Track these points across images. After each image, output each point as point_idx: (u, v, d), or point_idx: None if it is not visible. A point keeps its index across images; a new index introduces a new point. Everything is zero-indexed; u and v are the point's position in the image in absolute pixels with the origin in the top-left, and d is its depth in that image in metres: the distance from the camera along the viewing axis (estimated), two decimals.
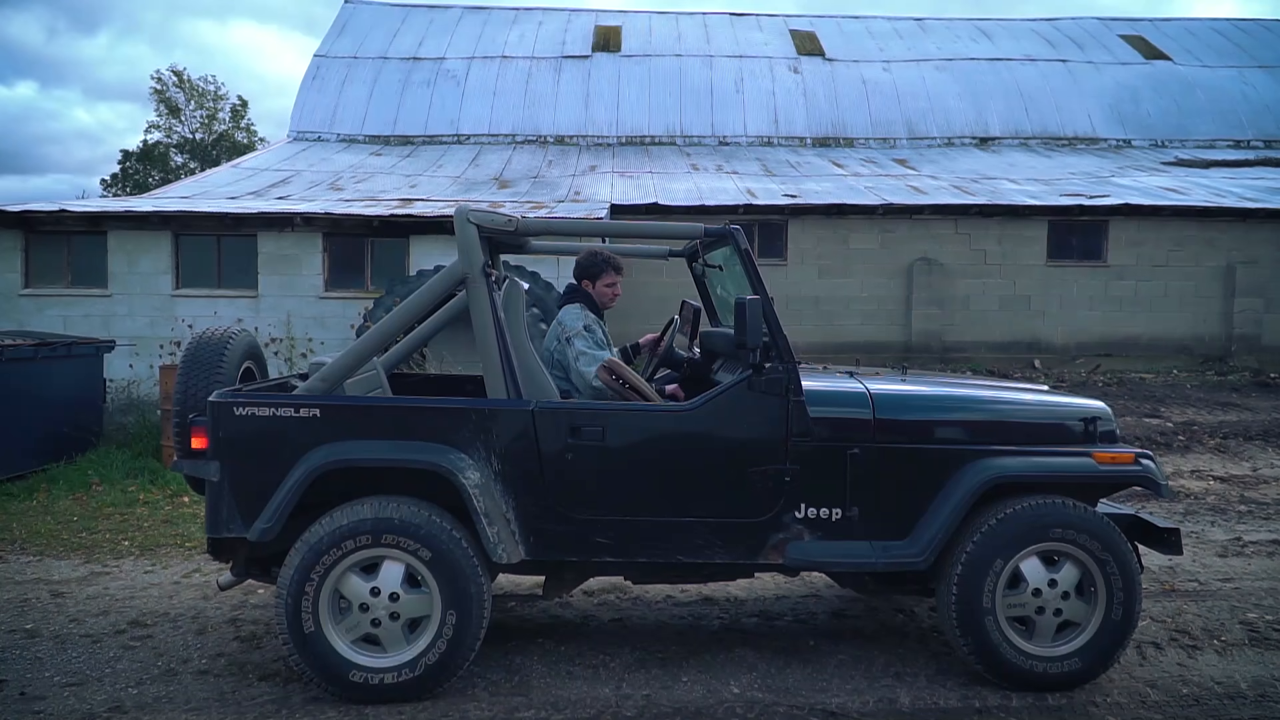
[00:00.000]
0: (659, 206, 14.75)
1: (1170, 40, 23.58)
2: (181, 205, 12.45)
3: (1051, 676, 3.53)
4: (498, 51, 22.26)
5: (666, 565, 3.62)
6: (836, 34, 23.81)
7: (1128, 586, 3.51)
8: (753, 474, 3.52)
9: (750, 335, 3.43)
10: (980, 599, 3.48)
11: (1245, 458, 8.36)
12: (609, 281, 4.31)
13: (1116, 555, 3.51)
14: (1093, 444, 3.67)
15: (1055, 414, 3.78)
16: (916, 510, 3.57)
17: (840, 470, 3.55)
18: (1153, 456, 3.70)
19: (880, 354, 14.93)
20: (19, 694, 3.53)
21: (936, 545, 3.49)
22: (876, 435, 3.57)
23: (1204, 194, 15.88)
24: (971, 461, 3.56)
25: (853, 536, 3.56)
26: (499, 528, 3.39)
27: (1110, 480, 3.67)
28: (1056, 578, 3.53)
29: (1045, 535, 3.49)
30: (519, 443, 3.48)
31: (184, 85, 40.67)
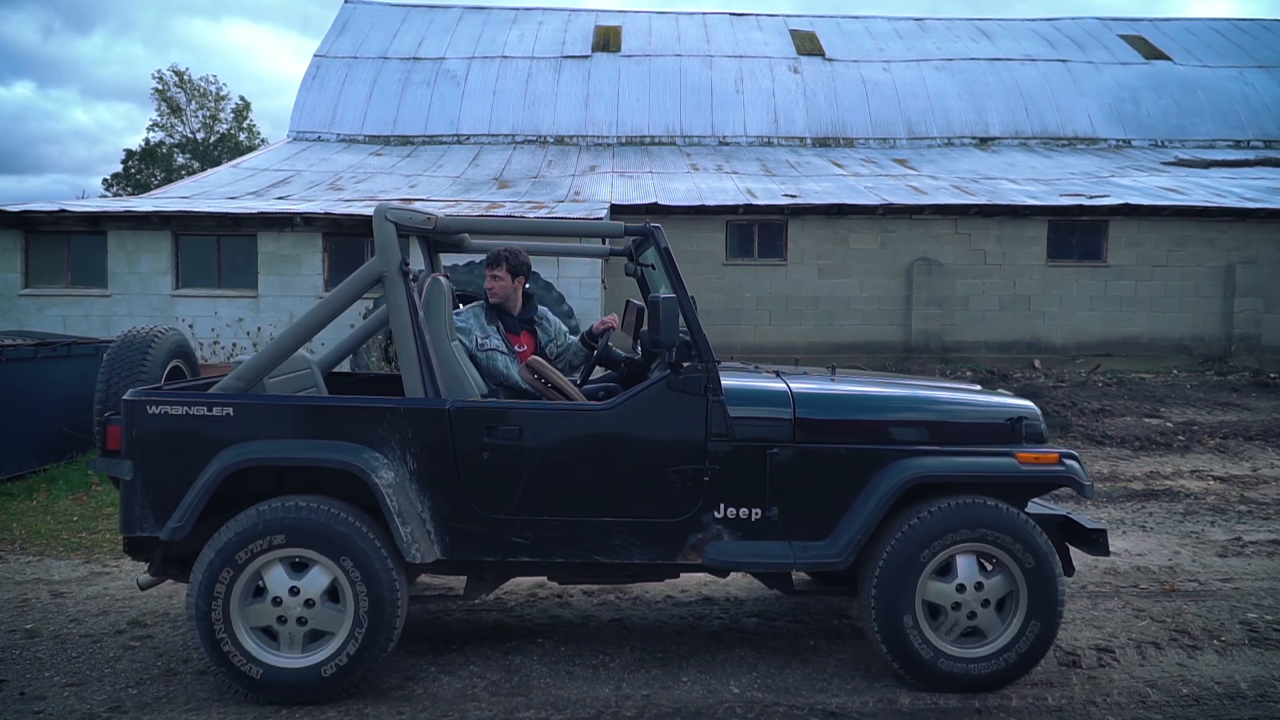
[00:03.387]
0: (659, 206, 14.75)
1: (1170, 40, 23.59)
2: (181, 205, 12.45)
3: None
4: (498, 51, 22.27)
5: (585, 565, 3.59)
6: (836, 34, 23.82)
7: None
8: (671, 474, 3.50)
9: (665, 334, 3.39)
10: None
11: (1245, 458, 8.36)
12: (489, 276, 4.37)
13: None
14: (1018, 444, 3.64)
15: (980, 414, 3.73)
16: (837, 510, 3.54)
17: (760, 470, 3.52)
18: (1077, 457, 3.67)
19: (880, 354, 14.94)
20: (19, 694, 3.53)
21: (856, 545, 3.46)
22: (797, 435, 3.55)
23: (1204, 194, 15.89)
24: (893, 462, 3.53)
25: (773, 537, 3.54)
26: (413, 527, 3.36)
27: (1032, 480, 3.62)
28: (981, 580, 3.49)
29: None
30: (435, 442, 3.46)
31: (185, 85, 40.69)
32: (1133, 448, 8.68)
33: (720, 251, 15.02)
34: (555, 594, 4.71)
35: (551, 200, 14.45)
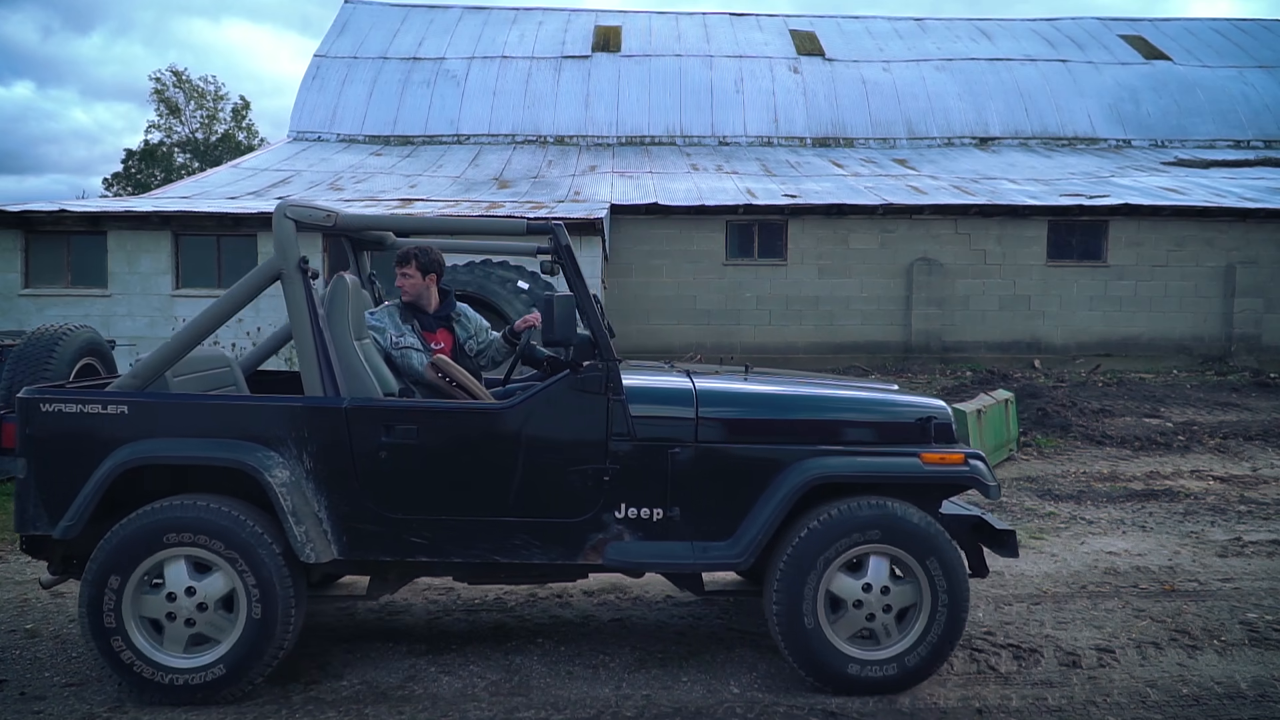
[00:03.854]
0: (659, 206, 14.76)
1: (1170, 40, 23.59)
2: (181, 205, 12.45)
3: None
4: (498, 51, 22.27)
5: (484, 565, 3.56)
6: (836, 34, 23.82)
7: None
8: (571, 474, 3.46)
9: (559, 331, 3.36)
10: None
11: (1245, 458, 8.36)
12: (399, 274, 4.35)
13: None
14: (926, 444, 3.59)
15: (888, 414, 3.70)
16: (741, 510, 3.50)
17: (661, 470, 3.48)
18: (983, 457, 3.63)
19: (880, 354, 14.95)
20: (19, 694, 3.53)
21: (756, 546, 3.43)
22: (699, 434, 3.51)
23: (1204, 194, 15.89)
24: (796, 462, 3.49)
25: (674, 537, 3.51)
26: (308, 526, 3.34)
27: (936, 480, 3.56)
28: (888, 584, 3.46)
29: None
30: (331, 441, 3.43)
31: (183, 85, 40.69)
32: (1133, 448, 8.67)
33: (720, 251, 15.02)
34: (555, 594, 4.71)
35: (551, 200, 14.44)
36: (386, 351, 4.14)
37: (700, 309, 14.94)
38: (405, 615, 4.41)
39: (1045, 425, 9.43)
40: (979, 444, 7.59)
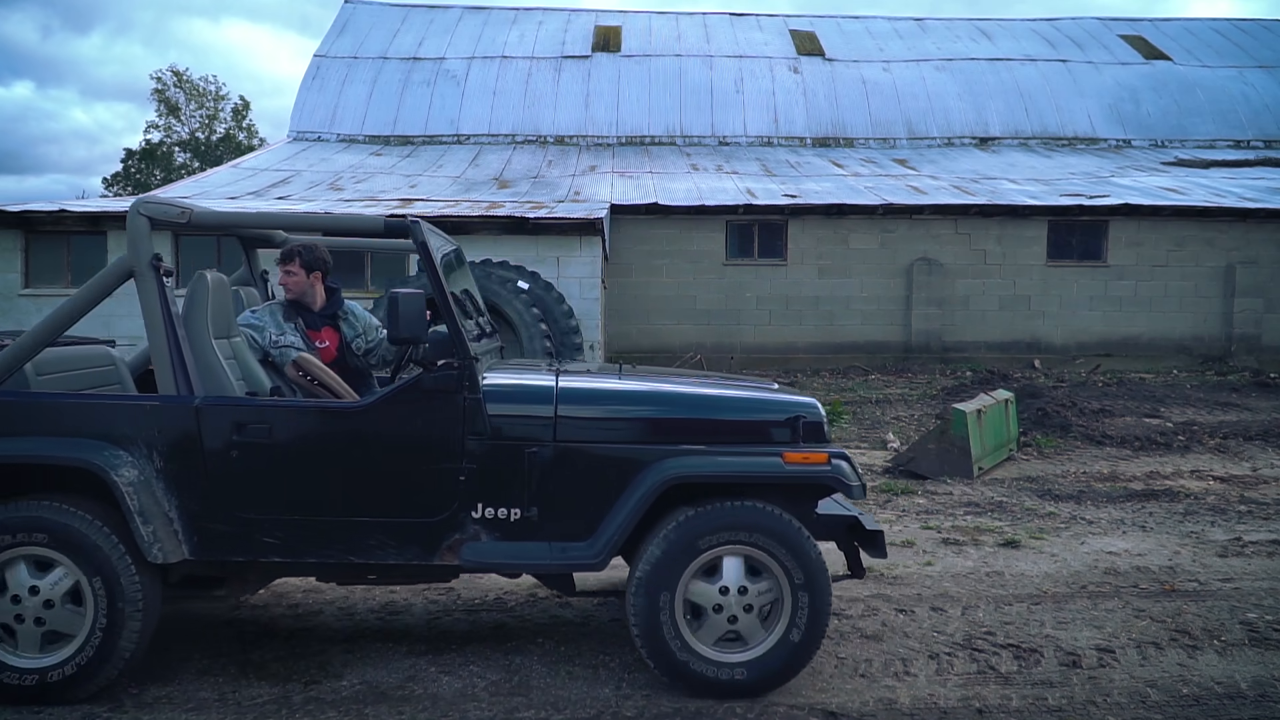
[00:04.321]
0: (659, 206, 14.76)
1: (1170, 40, 23.59)
2: None
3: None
4: (498, 51, 22.27)
5: (341, 566, 3.52)
6: (836, 34, 23.82)
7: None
8: (426, 473, 3.41)
9: (404, 329, 3.31)
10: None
11: (1245, 458, 8.35)
12: (282, 271, 4.33)
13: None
14: (794, 443, 3.52)
15: (753, 412, 3.63)
16: (601, 511, 3.44)
17: (519, 469, 3.43)
18: (848, 457, 3.56)
19: (880, 354, 14.95)
20: None
21: (613, 547, 3.38)
22: (558, 433, 3.46)
23: (1204, 194, 15.89)
24: (657, 461, 3.43)
25: (532, 537, 3.46)
26: (156, 527, 3.29)
27: (796, 480, 3.49)
28: (746, 584, 3.40)
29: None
30: (182, 439, 3.38)
31: (183, 85, 40.70)
32: (1133, 448, 8.67)
33: (720, 251, 15.01)
34: (555, 594, 4.70)
35: (551, 200, 14.45)
36: (265, 350, 4.08)
37: (700, 309, 14.94)
38: (405, 615, 4.41)
39: (1045, 425, 9.43)
40: (979, 444, 7.60)
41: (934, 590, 4.78)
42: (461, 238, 10.95)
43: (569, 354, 9.69)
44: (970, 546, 5.60)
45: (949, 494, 7.01)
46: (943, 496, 6.95)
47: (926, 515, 6.38)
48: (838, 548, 3.89)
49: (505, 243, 10.83)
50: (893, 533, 5.94)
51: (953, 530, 5.96)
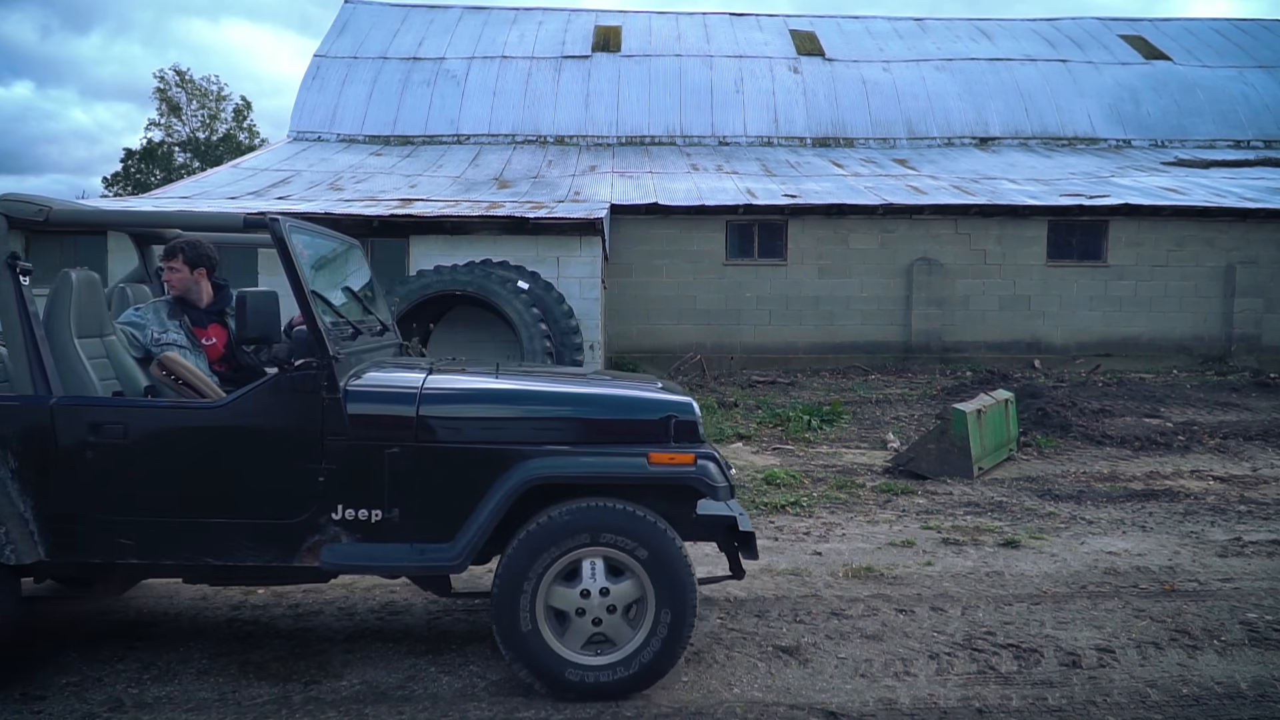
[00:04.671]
0: (659, 206, 14.76)
1: (1170, 40, 23.59)
2: (181, 205, 12.45)
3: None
4: (498, 51, 22.27)
5: (201, 568, 3.49)
6: (836, 34, 23.82)
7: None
8: (285, 474, 3.38)
9: (252, 328, 3.29)
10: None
11: (1245, 458, 8.35)
12: (166, 268, 4.29)
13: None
14: (664, 443, 3.48)
15: (622, 412, 3.58)
16: (463, 512, 3.40)
17: (379, 470, 3.38)
18: (717, 458, 3.52)
19: (880, 354, 14.95)
20: (19, 694, 3.53)
21: (472, 549, 3.35)
22: (419, 434, 3.41)
23: (1204, 194, 15.89)
24: (519, 462, 3.40)
25: (394, 539, 3.41)
26: (10, 527, 3.27)
27: (659, 481, 3.46)
28: (608, 585, 3.38)
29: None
30: (38, 440, 3.35)
31: (185, 85, 40.73)
32: (1133, 448, 8.67)
33: (720, 251, 15.01)
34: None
35: (552, 200, 14.45)
36: (147, 348, 4.05)
37: (700, 309, 14.94)
38: (405, 615, 4.41)
39: (1045, 425, 9.43)
40: (979, 444, 7.60)
41: (934, 590, 4.78)
42: (461, 238, 10.94)
43: (569, 354, 9.68)
44: (970, 546, 5.60)
45: (949, 494, 7.01)
46: (943, 496, 6.95)
47: (926, 515, 6.38)
48: (719, 549, 3.87)
49: (505, 243, 10.83)
50: (893, 533, 5.94)
51: (953, 530, 5.96)
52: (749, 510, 6.51)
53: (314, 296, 3.48)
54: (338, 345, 3.50)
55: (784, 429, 9.83)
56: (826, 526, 6.11)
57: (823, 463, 8.25)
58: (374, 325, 4.25)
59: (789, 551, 5.52)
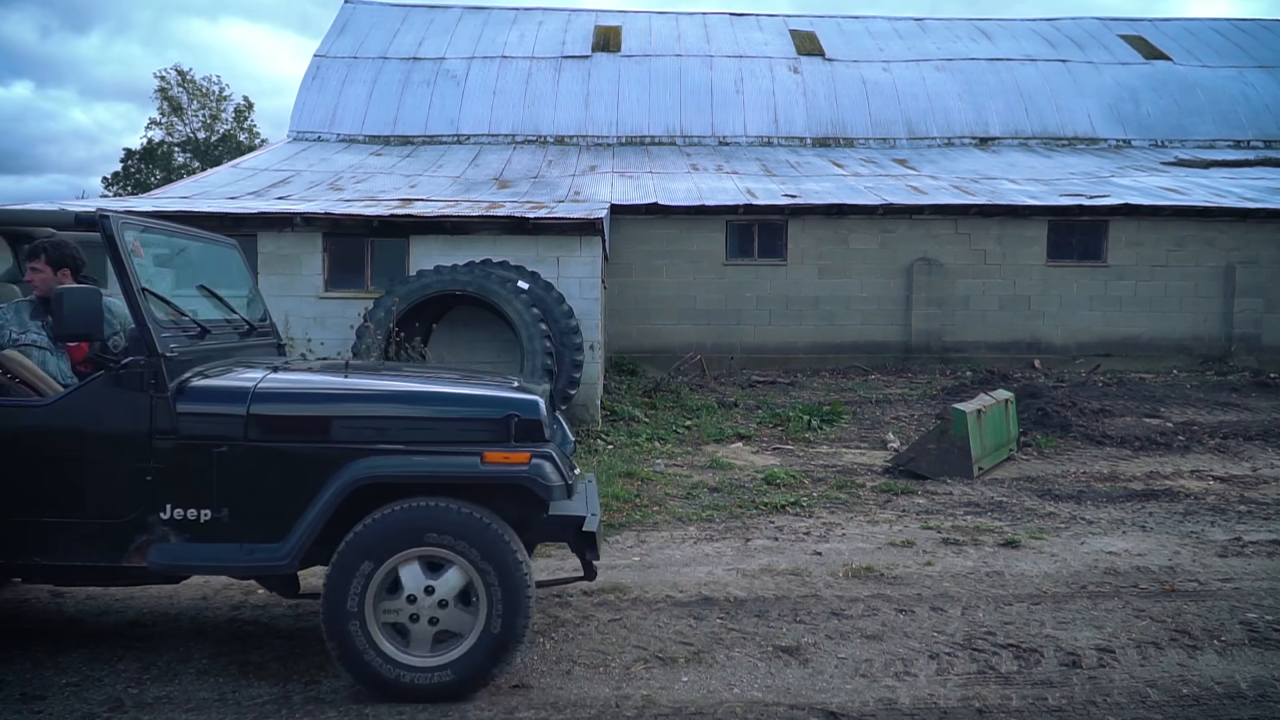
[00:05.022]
0: (659, 206, 14.76)
1: (1170, 40, 23.59)
2: (181, 205, 12.45)
3: (421, 688, 3.35)
4: (498, 51, 22.27)
5: (30, 567, 3.48)
6: (836, 34, 23.82)
7: (509, 596, 3.33)
8: (113, 473, 3.36)
9: (70, 326, 3.26)
10: (345, 604, 3.30)
11: (1245, 458, 8.35)
12: (29, 268, 4.26)
13: (497, 563, 3.32)
14: (504, 442, 3.45)
15: (461, 410, 3.54)
16: (294, 512, 3.38)
17: (209, 469, 3.37)
18: (553, 457, 3.47)
19: (880, 354, 14.95)
20: (19, 695, 3.53)
21: (299, 550, 3.33)
22: (249, 433, 3.39)
23: (1204, 194, 15.89)
24: (352, 461, 3.38)
25: (224, 539, 3.39)
26: None
27: (489, 480, 3.42)
28: (434, 585, 3.34)
29: (416, 540, 3.31)
30: None
31: (187, 85, 40.74)
32: (1133, 448, 8.67)
33: (720, 251, 15.01)
34: (555, 594, 4.71)
35: (552, 200, 14.44)
36: (3, 348, 4.02)
37: (700, 309, 14.94)
38: None
39: (1045, 425, 9.43)
40: (979, 444, 7.60)
41: (934, 590, 4.78)
42: (461, 238, 10.92)
43: (569, 354, 9.68)
44: (970, 546, 5.60)
45: (949, 494, 7.01)
46: (943, 496, 6.95)
47: (926, 515, 6.38)
48: (570, 549, 3.85)
49: (505, 243, 10.81)
50: (893, 533, 5.94)
51: (953, 530, 5.96)
52: (749, 510, 6.51)
53: (144, 294, 3.46)
54: (172, 344, 3.47)
55: (784, 429, 9.83)
56: (826, 526, 6.11)
57: (823, 463, 8.25)
58: (239, 325, 4.23)
59: (789, 551, 5.52)
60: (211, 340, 3.84)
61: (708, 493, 7.06)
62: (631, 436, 9.36)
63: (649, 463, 8.12)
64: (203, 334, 3.78)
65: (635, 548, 5.61)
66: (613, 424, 10.13)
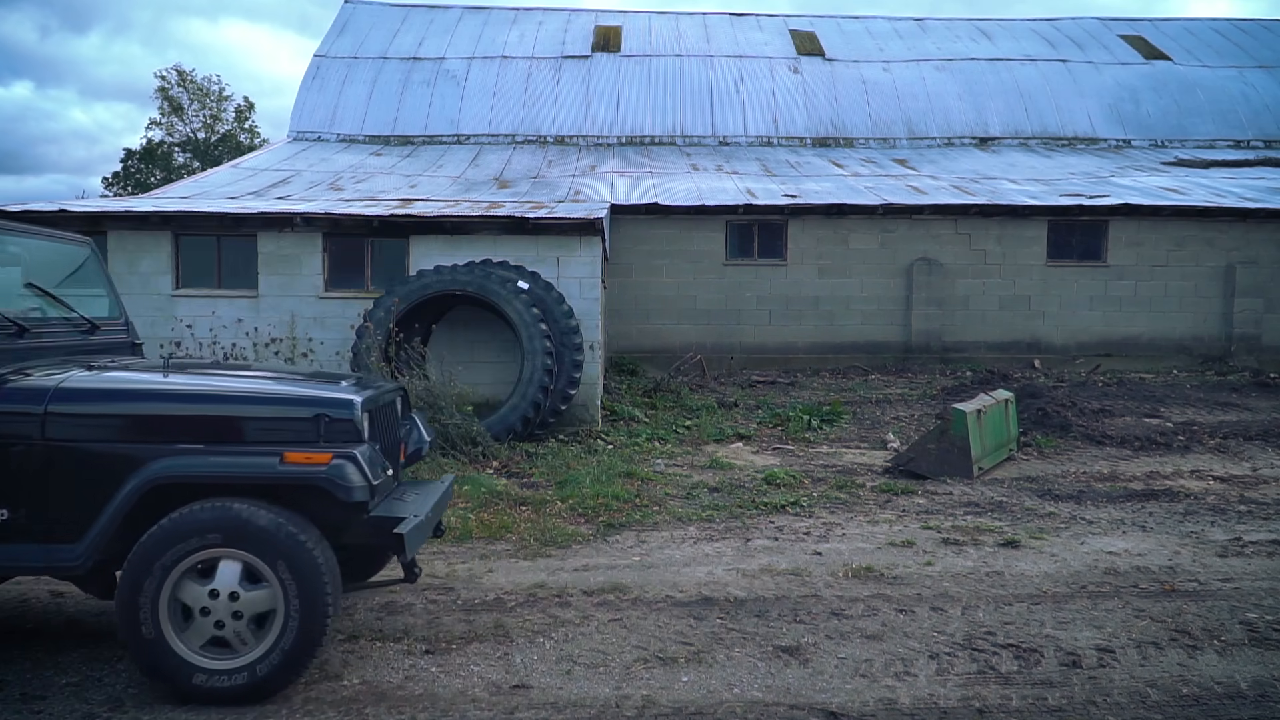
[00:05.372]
0: (659, 206, 14.76)
1: (1170, 40, 23.59)
2: (182, 205, 12.45)
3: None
4: (498, 51, 22.27)
5: None
6: (836, 34, 23.82)
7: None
8: None
9: None
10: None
11: (1245, 458, 8.35)
12: None
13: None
14: (311, 442, 3.42)
15: (261, 409, 3.51)
16: (93, 512, 3.35)
17: (4, 469, 3.36)
18: (356, 458, 3.41)
19: (880, 354, 14.95)
20: (20, 695, 3.53)
21: (94, 549, 3.33)
22: (47, 432, 3.36)
23: (1204, 194, 15.88)
24: (152, 461, 3.35)
25: (19, 539, 3.37)
26: None
27: (285, 481, 3.38)
28: (235, 589, 3.32)
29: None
30: None
31: (187, 85, 40.74)
32: (1133, 448, 8.67)
33: (720, 251, 15.01)
34: (555, 594, 4.71)
35: (551, 200, 14.44)
36: None
37: (700, 309, 14.94)
38: (405, 615, 4.40)
39: (1045, 425, 9.43)
40: (979, 444, 7.60)
41: (934, 590, 4.78)
42: (461, 238, 10.92)
43: (569, 354, 9.68)
44: (970, 546, 5.60)
45: (949, 494, 7.01)
46: (943, 496, 6.95)
47: (926, 515, 6.38)
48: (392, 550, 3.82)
49: (505, 243, 10.81)
50: (893, 533, 5.94)
51: (953, 530, 5.96)
52: (749, 510, 6.51)
53: None
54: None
55: (784, 429, 9.83)
56: (826, 526, 6.11)
57: (823, 463, 8.25)
58: (80, 324, 4.20)
59: (789, 551, 5.52)
60: (35, 339, 3.79)
61: (708, 493, 7.06)
62: (631, 436, 9.36)
63: (649, 463, 8.12)
64: (21, 333, 3.74)
65: (635, 548, 5.61)
66: (613, 424, 10.13)
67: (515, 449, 8.63)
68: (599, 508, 6.47)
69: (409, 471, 4.86)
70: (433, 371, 8.95)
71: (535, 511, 6.41)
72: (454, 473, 5.42)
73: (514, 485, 7.18)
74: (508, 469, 7.95)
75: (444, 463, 7.86)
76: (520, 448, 8.69)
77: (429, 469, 7.68)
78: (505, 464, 8.12)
